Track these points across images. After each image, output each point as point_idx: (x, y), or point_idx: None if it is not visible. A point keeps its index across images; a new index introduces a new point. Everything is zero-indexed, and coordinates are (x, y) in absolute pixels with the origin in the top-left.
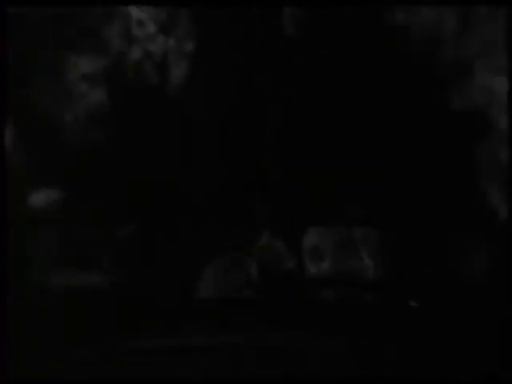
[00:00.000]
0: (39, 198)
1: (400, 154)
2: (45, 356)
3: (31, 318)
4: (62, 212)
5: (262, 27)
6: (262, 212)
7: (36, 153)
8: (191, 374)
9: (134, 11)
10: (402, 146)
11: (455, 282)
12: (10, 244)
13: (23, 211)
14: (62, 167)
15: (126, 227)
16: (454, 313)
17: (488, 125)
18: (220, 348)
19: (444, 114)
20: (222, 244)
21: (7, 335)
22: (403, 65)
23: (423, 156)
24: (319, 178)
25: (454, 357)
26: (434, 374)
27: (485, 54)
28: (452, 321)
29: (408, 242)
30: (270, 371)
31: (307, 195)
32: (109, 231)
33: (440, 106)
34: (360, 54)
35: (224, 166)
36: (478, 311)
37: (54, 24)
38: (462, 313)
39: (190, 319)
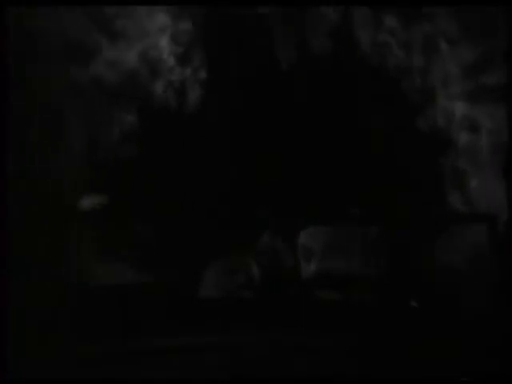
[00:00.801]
0: (86, 202)
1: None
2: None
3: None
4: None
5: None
6: (263, 213)
7: (85, 166)
8: (191, 373)
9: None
10: (383, 157)
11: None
12: (10, 244)
13: (72, 215)
14: (105, 177)
15: (146, 227)
16: (454, 312)
17: (449, 141)
18: (220, 348)
19: (412, 133)
20: (223, 245)
21: (7, 334)
22: (379, 95)
23: (395, 166)
24: (314, 182)
25: (454, 357)
26: (434, 374)
27: (445, 85)
28: (452, 320)
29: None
30: (270, 371)
31: (305, 197)
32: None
33: (409, 126)
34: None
35: (230, 171)
36: (478, 311)
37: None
38: (461, 312)
39: (191, 319)
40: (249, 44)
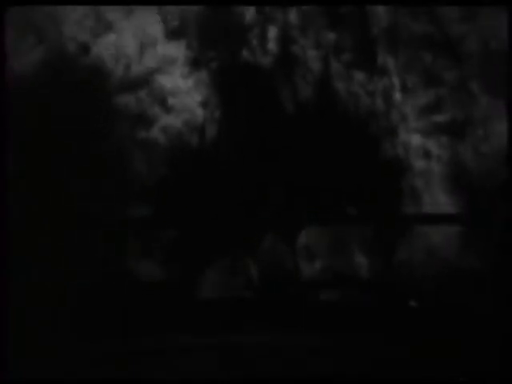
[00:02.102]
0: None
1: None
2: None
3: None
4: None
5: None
6: (264, 214)
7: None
8: (191, 374)
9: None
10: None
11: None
12: (10, 244)
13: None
14: (146, 191)
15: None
16: (454, 312)
17: (407, 166)
18: (220, 348)
19: (379, 159)
20: (223, 246)
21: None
22: (354, 130)
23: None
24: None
25: (454, 356)
26: (434, 373)
27: (403, 123)
28: (452, 320)
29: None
30: (270, 371)
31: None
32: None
33: (377, 153)
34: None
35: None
36: (478, 311)
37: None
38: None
39: (191, 319)
40: (255, 91)
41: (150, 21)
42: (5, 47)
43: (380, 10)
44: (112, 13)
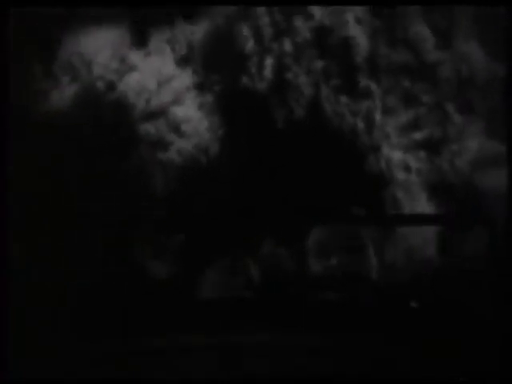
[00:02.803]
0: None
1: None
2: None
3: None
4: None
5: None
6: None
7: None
8: (191, 374)
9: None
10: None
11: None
12: (10, 244)
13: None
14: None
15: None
16: (454, 312)
17: (389, 178)
18: (220, 348)
19: (365, 172)
20: (223, 246)
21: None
22: (340, 147)
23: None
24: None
25: (454, 357)
26: (434, 373)
27: (386, 140)
28: (452, 321)
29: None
30: (270, 371)
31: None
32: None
33: (363, 167)
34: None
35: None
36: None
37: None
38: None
39: (191, 319)
40: (253, 112)
41: (165, 61)
42: (8, 51)
43: (363, 40)
44: (134, 55)
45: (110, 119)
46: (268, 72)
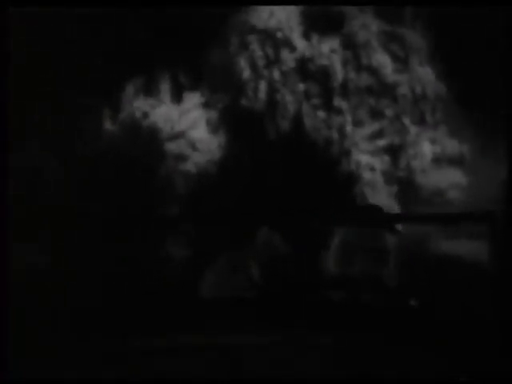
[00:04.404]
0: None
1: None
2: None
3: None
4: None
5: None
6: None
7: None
8: (191, 373)
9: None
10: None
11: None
12: (10, 245)
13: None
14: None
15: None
16: (454, 312)
17: (357, 177)
18: (220, 348)
19: (337, 174)
20: (223, 246)
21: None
22: (318, 154)
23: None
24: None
25: (454, 357)
26: (434, 373)
27: (355, 147)
28: (451, 321)
29: None
30: (270, 371)
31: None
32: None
33: (335, 170)
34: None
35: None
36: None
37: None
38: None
39: (191, 319)
40: (250, 126)
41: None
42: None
43: (336, 67)
44: (163, 94)
45: (145, 139)
46: (262, 94)
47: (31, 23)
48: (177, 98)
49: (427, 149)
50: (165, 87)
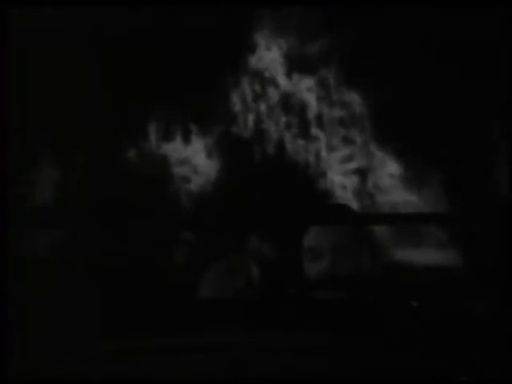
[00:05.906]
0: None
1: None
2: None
3: None
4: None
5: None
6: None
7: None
8: (191, 373)
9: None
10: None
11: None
12: (10, 243)
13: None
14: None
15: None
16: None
17: (333, 195)
18: (219, 348)
19: (314, 192)
20: (223, 246)
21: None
22: (297, 174)
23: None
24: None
25: (454, 357)
26: (434, 373)
27: (329, 169)
28: (451, 320)
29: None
30: (270, 371)
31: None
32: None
33: (312, 189)
34: None
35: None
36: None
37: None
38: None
39: (190, 319)
40: (241, 151)
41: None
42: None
43: (312, 102)
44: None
45: (157, 164)
46: (250, 124)
47: (31, 23)
48: (186, 140)
49: (393, 170)
50: (177, 133)
